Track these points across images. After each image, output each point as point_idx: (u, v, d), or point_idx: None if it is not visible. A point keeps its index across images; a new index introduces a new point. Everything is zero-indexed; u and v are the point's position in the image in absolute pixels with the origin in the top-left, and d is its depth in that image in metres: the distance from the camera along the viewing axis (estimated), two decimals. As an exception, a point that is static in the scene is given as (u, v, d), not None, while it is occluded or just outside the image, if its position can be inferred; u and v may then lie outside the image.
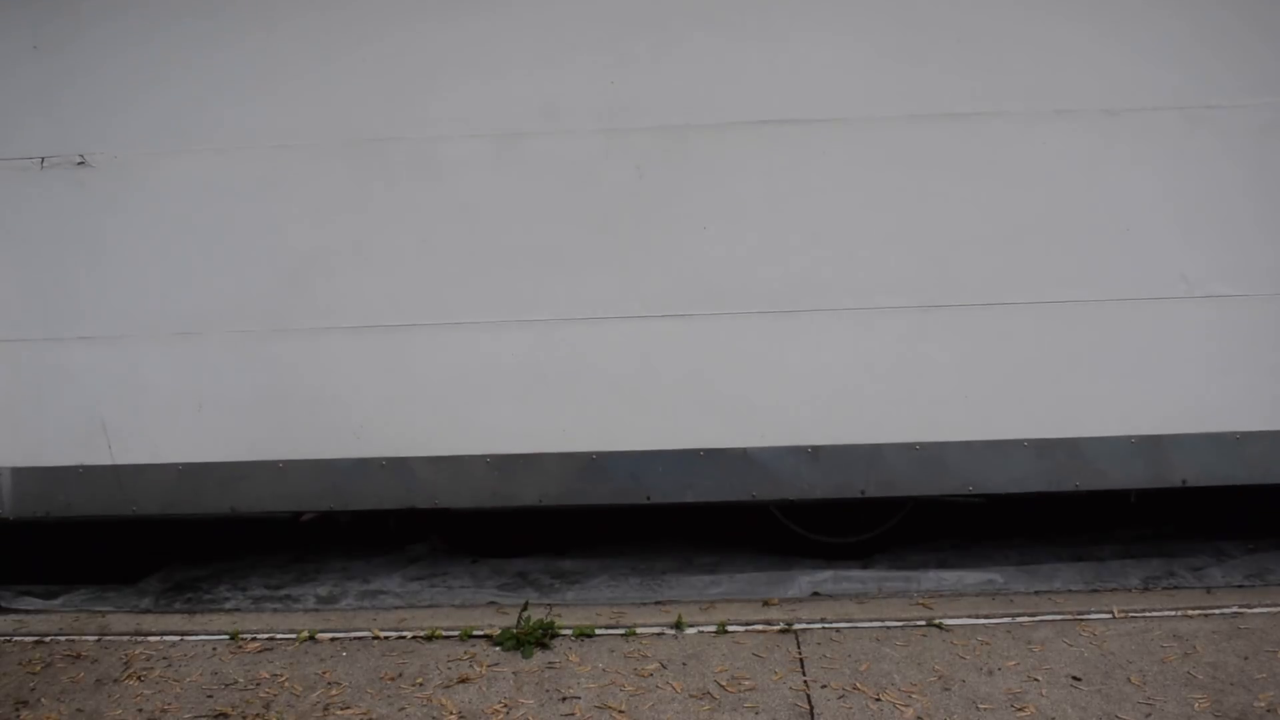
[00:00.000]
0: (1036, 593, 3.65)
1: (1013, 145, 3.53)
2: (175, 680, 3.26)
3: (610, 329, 3.68)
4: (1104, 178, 3.55)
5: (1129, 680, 2.98)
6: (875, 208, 3.59)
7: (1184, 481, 3.60)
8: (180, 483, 3.80)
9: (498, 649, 3.38)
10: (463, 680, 3.18)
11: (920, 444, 3.64)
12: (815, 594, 3.76)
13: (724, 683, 3.09)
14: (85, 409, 3.82)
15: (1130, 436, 3.60)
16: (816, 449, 3.66)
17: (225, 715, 3.03)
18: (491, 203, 3.65)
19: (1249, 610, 3.42)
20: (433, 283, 3.69)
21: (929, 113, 3.54)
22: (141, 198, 3.74)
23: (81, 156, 3.75)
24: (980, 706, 2.88)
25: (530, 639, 3.39)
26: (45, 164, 3.76)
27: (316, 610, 3.83)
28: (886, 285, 3.61)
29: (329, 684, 3.19)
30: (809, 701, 2.95)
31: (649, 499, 3.72)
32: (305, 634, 3.55)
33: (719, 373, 3.68)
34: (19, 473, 3.84)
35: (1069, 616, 3.43)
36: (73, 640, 3.60)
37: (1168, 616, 3.40)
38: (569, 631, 3.46)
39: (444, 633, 3.51)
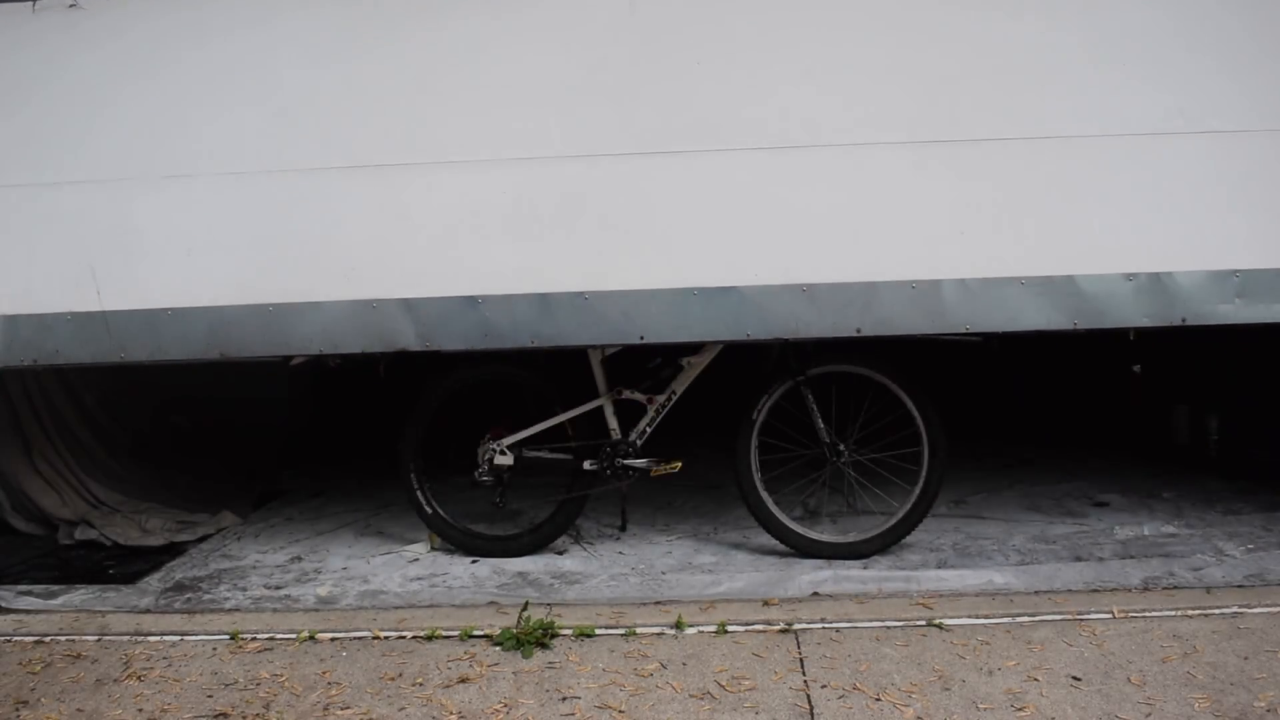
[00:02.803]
0: (1036, 593, 3.64)
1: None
2: (175, 680, 3.26)
3: (604, 167, 3.66)
4: (1101, 9, 3.53)
5: (1129, 680, 2.98)
6: (870, 42, 3.58)
7: (1183, 320, 3.57)
8: (169, 328, 3.78)
9: (498, 649, 3.38)
10: (463, 680, 3.18)
11: (916, 282, 3.60)
12: (815, 594, 3.75)
13: (724, 682, 3.08)
14: (74, 255, 3.80)
15: (1129, 274, 3.57)
16: (811, 287, 3.63)
17: (225, 715, 3.03)
18: (486, 42, 3.64)
19: (1249, 610, 3.41)
20: (426, 122, 3.68)
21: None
22: (132, 40, 3.75)
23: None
24: (980, 706, 2.88)
25: (530, 639, 3.39)
26: (37, 7, 3.78)
27: (316, 610, 3.82)
28: (881, 121, 3.59)
29: (329, 684, 3.19)
30: (809, 701, 2.95)
31: (642, 339, 3.70)
32: (305, 634, 3.55)
33: (713, 211, 3.66)
34: (7, 320, 3.84)
35: (1069, 616, 3.42)
36: (73, 640, 3.60)
37: (1168, 616, 3.39)
38: (569, 631, 3.46)
39: (444, 633, 3.51)
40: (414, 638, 3.49)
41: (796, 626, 3.43)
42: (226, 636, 3.57)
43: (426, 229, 3.73)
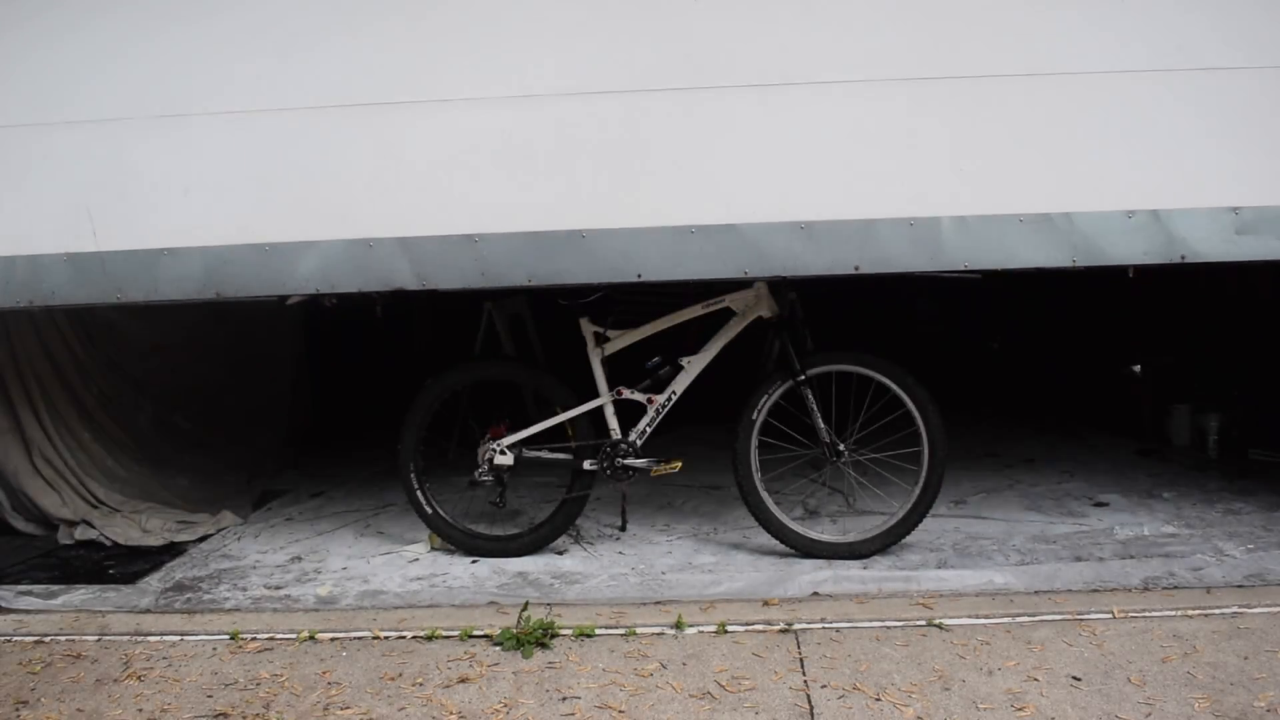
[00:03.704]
0: (1036, 593, 3.64)
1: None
2: (175, 680, 3.26)
3: (600, 104, 3.65)
4: None
5: (1129, 680, 2.98)
6: None
7: (1183, 257, 3.56)
8: (165, 269, 3.79)
9: (498, 649, 3.38)
10: (463, 680, 3.18)
11: (915, 219, 3.59)
12: (815, 594, 3.74)
13: (724, 682, 3.08)
14: (71, 195, 3.80)
15: (1128, 211, 3.56)
16: (809, 224, 3.61)
17: (225, 715, 3.03)
18: None
19: (1249, 610, 3.41)
20: (423, 60, 3.68)
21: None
22: None
23: None
24: (980, 706, 2.87)
25: (530, 639, 3.38)
26: None
27: (316, 610, 3.82)
28: (880, 58, 3.58)
29: (329, 684, 3.19)
30: (809, 701, 2.95)
31: (640, 277, 3.68)
32: (305, 634, 3.54)
33: (710, 148, 3.65)
34: (4, 262, 3.83)
35: (1069, 616, 3.42)
36: (73, 640, 3.60)
37: (1168, 616, 3.39)
38: (569, 631, 3.45)
39: (444, 633, 3.50)
40: (414, 638, 3.49)
41: (796, 626, 3.43)
42: (226, 636, 3.56)
43: (423, 168, 3.72)
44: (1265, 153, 3.58)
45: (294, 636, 3.54)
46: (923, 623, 3.41)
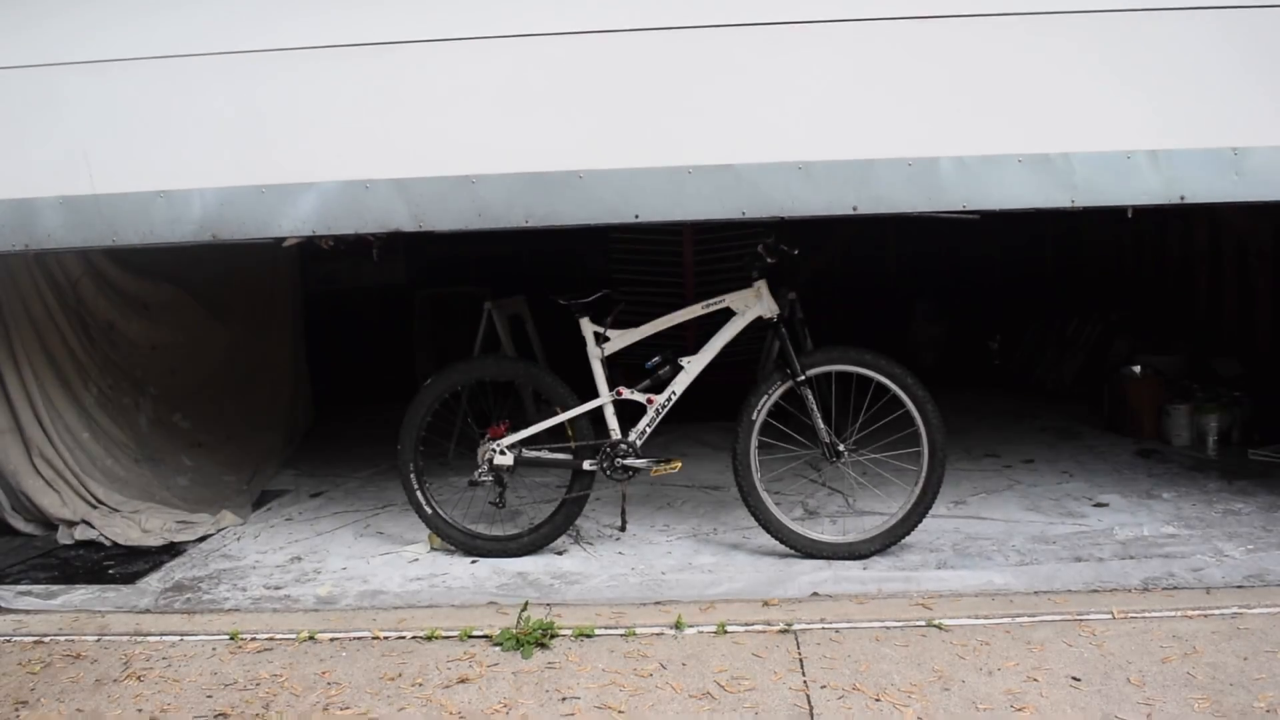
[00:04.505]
0: (1036, 593, 3.63)
1: None
2: (175, 680, 3.25)
3: (594, 43, 3.64)
4: None
5: (1129, 680, 2.98)
6: None
7: (1182, 198, 3.55)
8: (161, 211, 3.78)
9: (497, 649, 3.38)
10: (462, 680, 3.17)
11: (913, 159, 3.59)
12: (815, 594, 3.73)
13: (724, 683, 3.08)
14: (67, 138, 3.80)
15: (1127, 151, 3.56)
16: (807, 164, 3.61)
17: (225, 715, 3.03)
18: None
19: (1249, 611, 3.40)
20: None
21: None
22: None
23: None
24: (980, 707, 2.87)
25: (530, 639, 3.38)
26: None
27: (316, 610, 3.81)
28: None
29: (329, 684, 3.18)
30: (809, 702, 2.95)
31: (637, 217, 3.68)
32: (305, 634, 3.54)
33: (707, 88, 3.65)
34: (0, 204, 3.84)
35: (1069, 617, 3.41)
36: (72, 640, 3.59)
37: (1167, 617, 3.38)
38: (569, 632, 3.45)
39: (443, 633, 3.50)
40: (414, 638, 3.48)
41: (796, 627, 3.42)
42: (226, 636, 3.56)
43: (419, 108, 3.72)
44: (1267, 93, 3.56)
45: (294, 637, 3.53)
46: (922, 623, 3.40)
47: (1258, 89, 3.57)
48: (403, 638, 3.49)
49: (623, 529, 4.54)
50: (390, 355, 8.27)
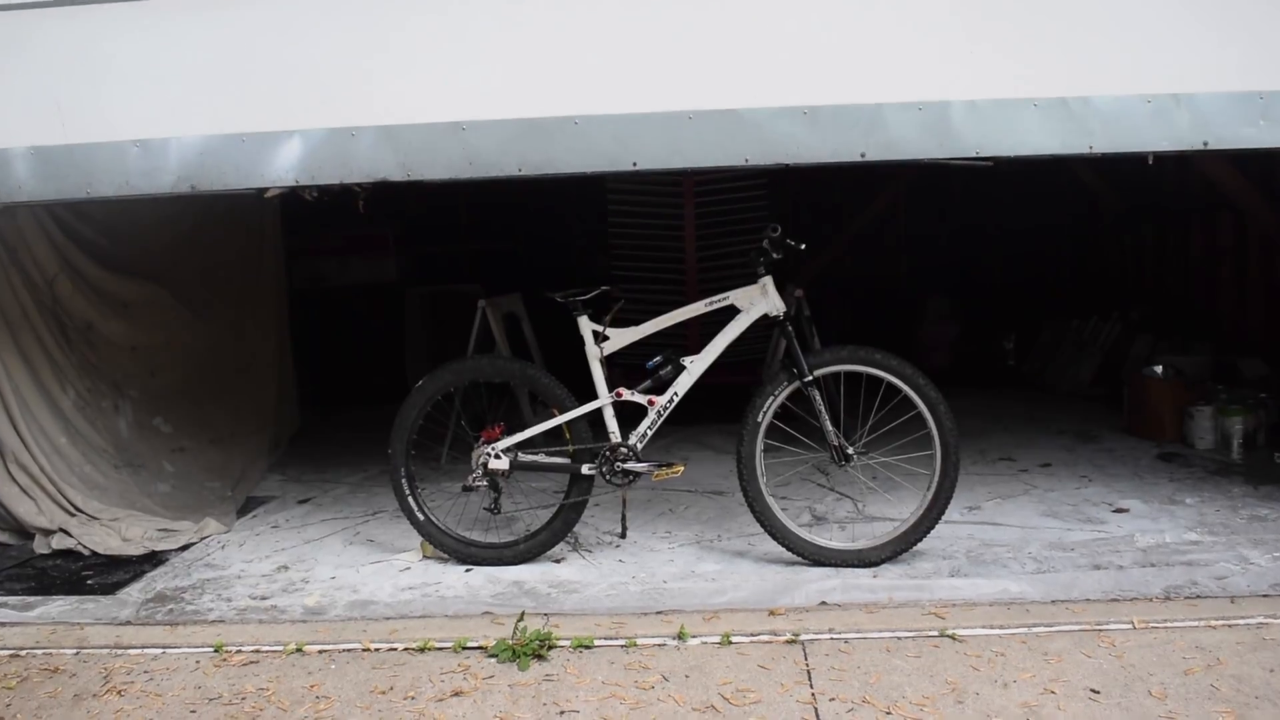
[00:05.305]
0: (1053, 602, 3.57)
1: None
2: (157, 695, 3.21)
3: None
4: None
5: (1150, 693, 2.93)
6: None
7: (1205, 144, 3.49)
8: (137, 161, 3.73)
9: (493, 661, 3.33)
10: (456, 694, 3.13)
11: (924, 103, 3.52)
12: (823, 603, 3.67)
13: (728, 695, 3.03)
14: (39, 87, 3.75)
15: (1147, 95, 3.49)
16: (813, 109, 3.55)
17: (208, 731, 2.99)
18: None
19: (1275, 620, 3.34)
20: None
21: None
22: None
23: None
24: (995, 720, 2.83)
25: (526, 650, 3.32)
26: None
27: (304, 621, 3.75)
28: None
29: (317, 698, 3.14)
30: (816, 715, 2.91)
31: (635, 165, 3.63)
32: (292, 646, 3.49)
33: (707, 29, 3.59)
34: None
35: (1087, 627, 3.36)
36: (50, 654, 3.54)
37: (1190, 627, 3.33)
38: (567, 642, 3.40)
39: (437, 644, 3.45)
40: (406, 649, 3.44)
41: (804, 637, 3.38)
42: (210, 649, 3.51)
43: (407, 53, 3.68)
44: None
45: (281, 649, 3.49)
46: (935, 633, 3.36)
47: None
48: (394, 649, 3.45)
49: (623, 536, 4.49)
50: (381, 356, 8.24)
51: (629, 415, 4.14)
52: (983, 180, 8.40)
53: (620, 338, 4.14)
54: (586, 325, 4.13)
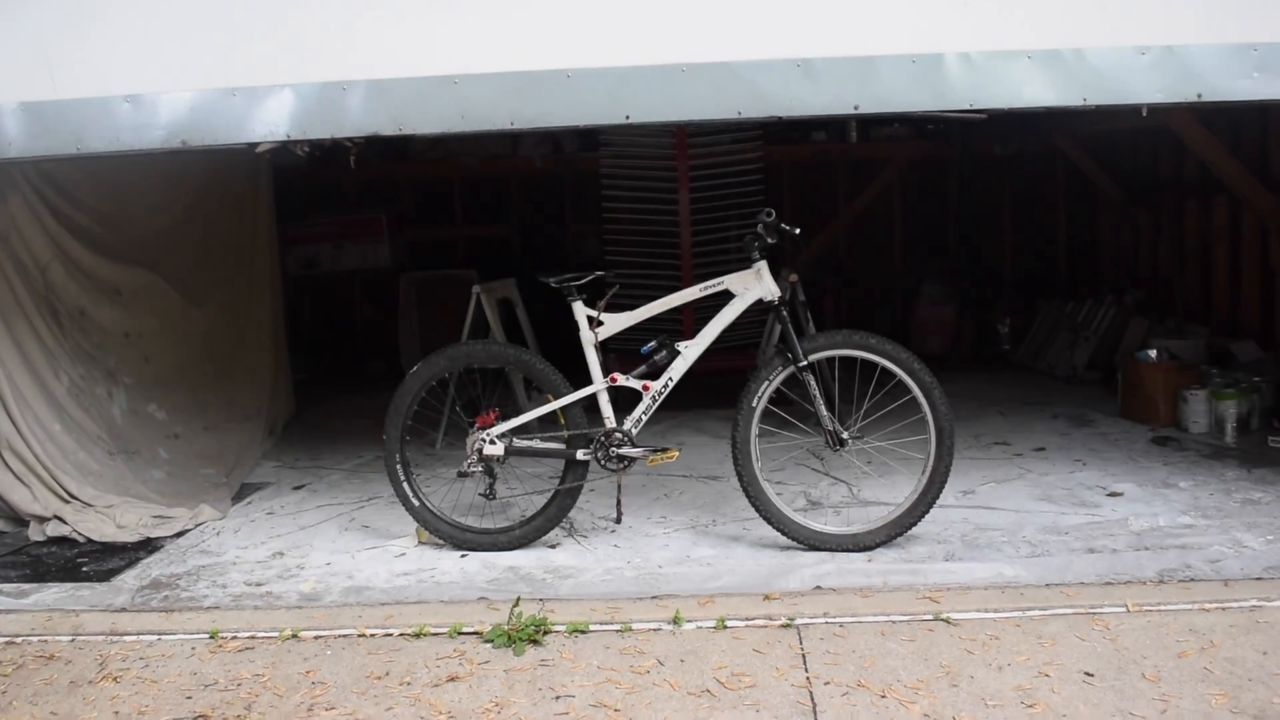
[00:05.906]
0: (1048, 586, 3.58)
1: None
2: (152, 681, 3.20)
3: None
4: None
5: (1144, 676, 2.93)
6: None
7: (1199, 95, 3.48)
8: (127, 117, 3.70)
9: (488, 646, 3.32)
10: (452, 679, 3.12)
11: (917, 56, 3.52)
12: (818, 587, 3.67)
13: (723, 679, 3.03)
14: (29, 42, 3.73)
15: (1141, 47, 3.48)
16: (807, 62, 3.54)
17: (205, 717, 2.97)
18: None
19: (1268, 604, 3.34)
20: None
21: None
22: None
23: None
24: (989, 703, 2.82)
25: (522, 636, 3.32)
26: None
27: (299, 607, 3.75)
28: None
29: (313, 683, 3.14)
30: (811, 699, 2.91)
31: (628, 118, 3.62)
32: (288, 632, 3.49)
33: None
34: None
35: (1081, 610, 3.36)
36: (45, 641, 3.53)
37: (1184, 610, 3.33)
38: (562, 627, 3.40)
39: (432, 630, 3.44)
40: (401, 635, 3.44)
41: (798, 621, 3.38)
42: (206, 635, 3.50)
43: (398, 6, 3.66)
44: None
45: (276, 635, 3.48)
46: (929, 617, 3.36)
47: None
48: (390, 635, 3.45)
49: (618, 521, 4.48)
50: (375, 341, 8.21)
51: (624, 400, 4.13)
52: (979, 169, 8.40)
53: (615, 323, 4.13)
54: (581, 310, 4.11)
